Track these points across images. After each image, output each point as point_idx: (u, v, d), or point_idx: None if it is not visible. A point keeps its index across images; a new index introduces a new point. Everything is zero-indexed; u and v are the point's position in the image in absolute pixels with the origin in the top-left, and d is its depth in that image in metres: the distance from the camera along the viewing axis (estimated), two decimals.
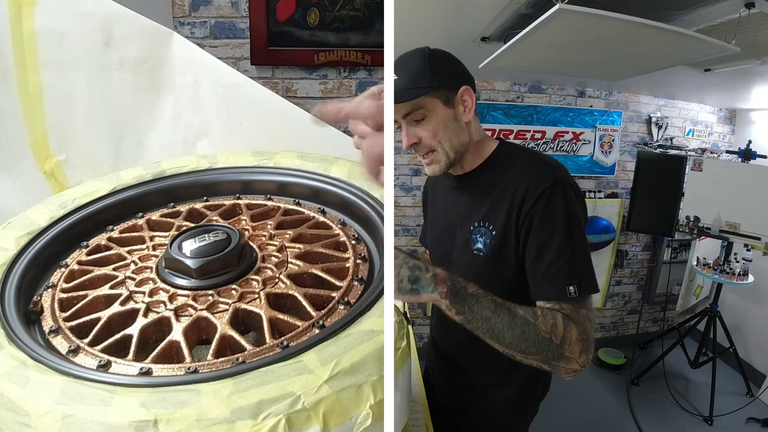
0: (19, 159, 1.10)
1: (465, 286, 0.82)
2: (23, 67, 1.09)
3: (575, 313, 0.86)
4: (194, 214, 0.94)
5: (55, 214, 0.85)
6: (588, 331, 0.86)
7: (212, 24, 2.40)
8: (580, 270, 0.88)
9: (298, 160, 1.00)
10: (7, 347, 0.59)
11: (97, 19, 1.15)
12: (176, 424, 0.49)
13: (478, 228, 1.00)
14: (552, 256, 0.89)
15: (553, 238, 0.89)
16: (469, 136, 0.99)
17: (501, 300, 0.84)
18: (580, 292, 0.87)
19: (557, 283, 0.87)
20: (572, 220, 0.90)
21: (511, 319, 0.82)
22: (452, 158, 0.97)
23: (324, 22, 2.41)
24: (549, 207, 0.90)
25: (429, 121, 0.94)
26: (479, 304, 0.81)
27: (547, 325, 0.83)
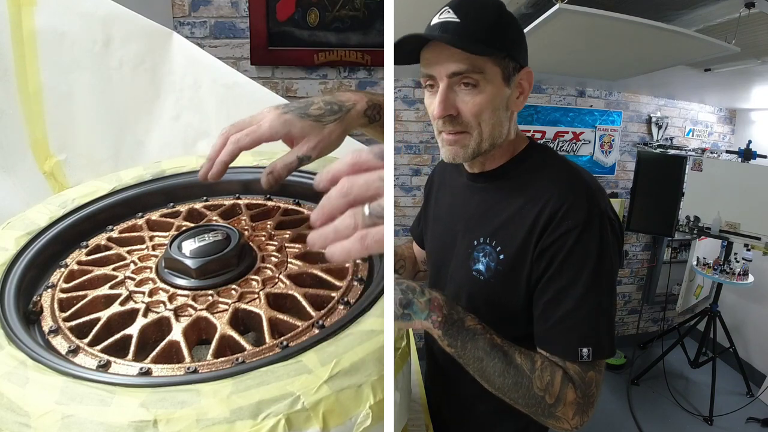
0: (19, 159, 1.10)
1: (462, 318, 0.73)
2: (23, 67, 1.09)
3: (581, 376, 0.75)
4: (194, 214, 0.94)
5: (55, 214, 0.85)
6: (590, 395, 0.75)
7: (212, 24, 2.40)
8: (600, 330, 0.75)
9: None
10: (6, 347, 0.59)
11: (97, 19, 1.15)
12: (176, 424, 0.49)
13: (482, 245, 0.84)
14: (570, 307, 0.75)
15: (576, 285, 0.75)
16: (508, 132, 0.83)
17: (501, 341, 0.74)
18: (595, 356, 0.74)
19: (570, 341, 0.75)
20: (603, 266, 0.75)
21: (505, 366, 0.72)
22: (482, 150, 0.80)
23: (324, 22, 2.41)
24: (579, 246, 0.74)
25: (479, 93, 0.76)
26: (474, 342, 0.72)
27: (543, 382, 0.73)
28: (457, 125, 0.78)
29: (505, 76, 0.77)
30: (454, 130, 0.78)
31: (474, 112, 0.76)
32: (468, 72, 0.74)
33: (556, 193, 0.77)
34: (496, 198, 0.86)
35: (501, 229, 0.82)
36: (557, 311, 0.76)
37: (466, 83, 0.75)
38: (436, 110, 0.76)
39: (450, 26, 0.74)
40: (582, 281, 0.74)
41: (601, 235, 0.75)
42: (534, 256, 0.77)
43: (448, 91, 0.76)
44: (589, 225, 0.74)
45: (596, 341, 0.75)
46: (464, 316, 0.74)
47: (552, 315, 0.77)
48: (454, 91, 0.76)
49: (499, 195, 0.85)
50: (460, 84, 0.76)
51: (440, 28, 0.74)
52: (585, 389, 0.75)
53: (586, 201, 0.76)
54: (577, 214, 0.75)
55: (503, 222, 0.82)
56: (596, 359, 0.75)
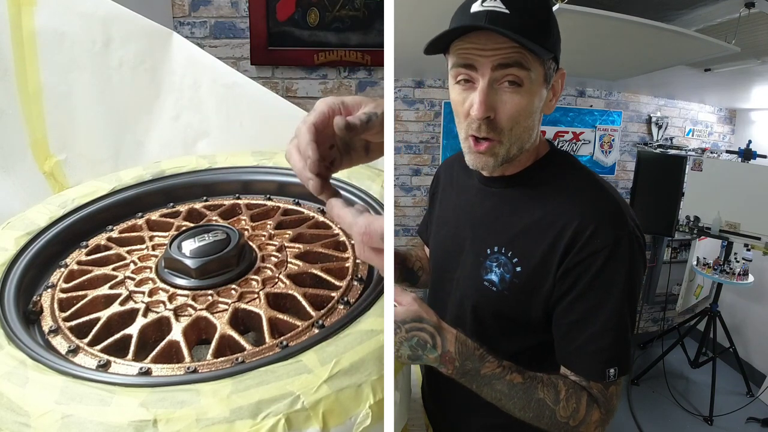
0: (18, 159, 1.10)
1: (477, 368, 0.69)
2: (23, 67, 1.09)
3: (603, 393, 0.74)
4: (194, 214, 0.94)
5: (55, 214, 0.85)
6: (611, 409, 0.75)
7: (212, 24, 2.40)
8: (624, 351, 0.75)
9: None
10: (6, 347, 0.59)
11: (97, 19, 1.15)
12: (176, 423, 0.49)
13: (497, 255, 0.79)
14: (596, 330, 0.73)
15: (604, 307, 0.72)
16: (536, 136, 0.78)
17: (522, 378, 0.71)
18: (619, 375, 0.73)
19: (597, 363, 0.73)
20: (632, 290, 0.73)
21: (526, 403, 0.70)
22: (511, 156, 0.75)
23: (324, 22, 2.41)
24: (607, 268, 0.71)
25: (522, 94, 0.70)
26: (490, 387, 0.70)
27: (568, 411, 0.71)
28: (490, 131, 0.72)
29: (547, 78, 0.73)
30: (487, 135, 0.72)
31: (512, 114, 0.71)
32: (512, 66, 0.68)
33: (582, 210, 0.73)
34: (512, 205, 0.80)
35: (518, 239, 0.77)
36: (583, 333, 0.73)
37: (511, 81, 0.69)
38: (476, 110, 0.69)
39: (499, 17, 0.66)
40: (610, 304, 0.72)
41: (631, 254, 0.72)
42: (558, 274, 0.73)
43: (488, 91, 0.69)
44: (618, 247, 0.71)
45: (620, 361, 0.74)
46: (479, 366, 0.69)
47: (578, 336, 0.74)
48: (496, 89, 0.70)
49: (516, 202, 0.80)
50: (503, 81, 0.69)
51: (487, 17, 0.67)
52: (608, 405, 0.74)
53: (615, 220, 0.73)
54: (606, 235, 0.71)
55: (520, 232, 0.77)
56: (619, 377, 0.74)
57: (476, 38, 0.69)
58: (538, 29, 0.69)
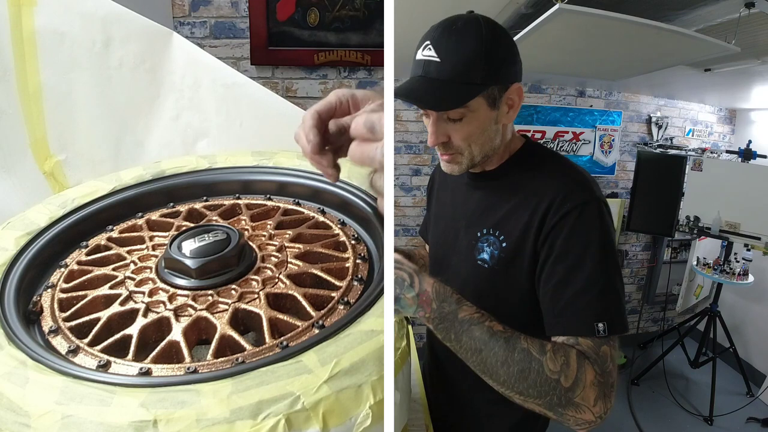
0: (19, 159, 1.10)
1: (455, 310, 0.69)
2: (23, 67, 1.09)
3: (595, 350, 0.72)
4: (194, 214, 0.94)
5: (55, 214, 0.85)
6: (609, 373, 0.71)
7: (212, 24, 2.40)
8: (613, 307, 0.75)
9: (298, 160, 1.00)
10: (6, 347, 0.59)
11: (97, 19, 1.15)
12: (176, 424, 0.49)
13: (487, 236, 0.88)
14: (580, 287, 0.75)
15: (583, 265, 0.75)
16: (502, 139, 0.86)
17: (502, 327, 0.70)
18: (610, 332, 0.73)
19: (585, 318, 0.73)
20: (607, 246, 0.77)
21: (508, 353, 0.68)
22: (476, 162, 0.85)
23: (324, 22, 2.41)
24: (580, 227, 0.76)
25: (467, 124, 0.80)
26: (469, 333, 0.68)
27: (557, 363, 0.68)
28: (449, 149, 0.83)
29: (491, 102, 0.80)
30: (448, 153, 0.84)
31: (463, 138, 0.81)
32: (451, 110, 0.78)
33: (555, 184, 0.81)
34: (497, 195, 0.90)
35: (503, 220, 0.86)
36: (567, 291, 0.76)
37: (451, 119, 0.79)
38: (429, 140, 0.82)
39: (431, 68, 0.76)
40: (589, 260, 0.75)
41: (600, 217, 0.78)
42: (539, 241, 0.80)
43: (438, 123, 0.80)
44: (587, 206, 0.77)
45: (610, 316, 0.74)
46: (457, 308, 0.70)
47: (563, 295, 0.76)
48: (443, 122, 0.80)
49: (500, 192, 0.89)
50: (446, 117, 0.80)
51: (423, 67, 0.77)
52: (602, 364, 0.71)
53: (582, 187, 0.80)
54: (575, 198, 0.78)
55: (505, 214, 0.86)
56: (611, 334, 0.73)
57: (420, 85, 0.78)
58: (468, 70, 0.75)
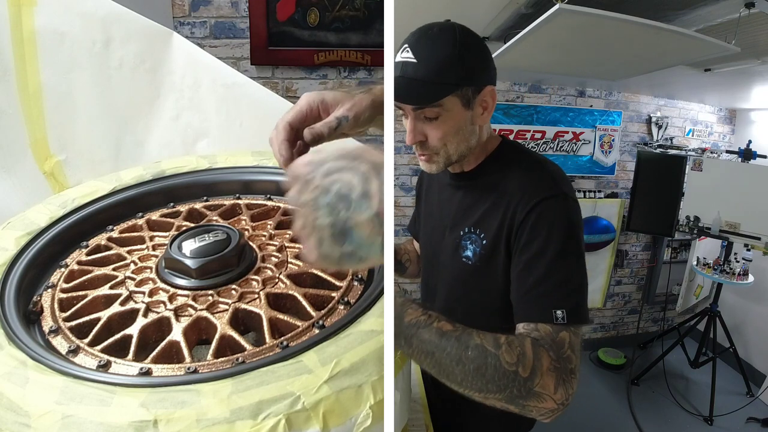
0: (19, 159, 1.10)
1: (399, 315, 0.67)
2: (23, 67, 1.09)
3: (552, 337, 0.72)
4: (194, 214, 0.94)
5: (55, 214, 0.85)
6: (566, 359, 0.70)
7: (212, 24, 2.40)
8: (573, 296, 0.76)
9: None
10: (6, 347, 0.59)
11: (97, 19, 1.15)
12: (176, 424, 0.49)
13: (469, 234, 0.92)
14: (540, 274, 0.77)
15: (544, 253, 0.78)
16: (478, 139, 0.90)
17: (452, 326, 0.68)
18: (570, 319, 0.73)
19: (544, 305, 0.75)
20: (571, 235, 0.79)
21: (461, 351, 0.65)
22: (453, 161, 0.89)
23: (324, 22, 2.41)
24: (543, 218, 0.80)
25: (442, 123, 0.83)
26: (418, 337, 0.66)
27: (513, 354, 0.66)
28: (426, 149, 0.87)
29: (465, 102, 0.83)
30: (425, 152, 0.88)
31: (438, 138, 0.85)
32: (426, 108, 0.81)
33: (525, 183, 0.86)
34: (476, 194, 0.94)
35: (482, 218, 0.91)
36: (529, 279, 0.79)
37: (427, 117, 0.83)
38: (407, 138, 0.86)
39: (408, 68, 0.80)
40: (551, 248, 0.79)
41: (566, 208, 0.82)
42: (511, 238, 0.85)
43: (414, 122, 0.84)
44: (551, 199, 0.82)
45: (570, 304, 0.75)
46: (402, 310, 0.68)
47: (525, 283, 0.80)
48: (420, 121, 0.84)
49: (478, 192, 0.94)
50: (422, 116, 0.83)
51: (401, 68, 0.81)
52: (558, 350, 0.71)
53: (549, 184, 0.85)
54: (540, 192, 0.82)
55: (483, 213, 0.91)
56: (571, 323, 0.73)
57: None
58: (442, 70, 0.79)
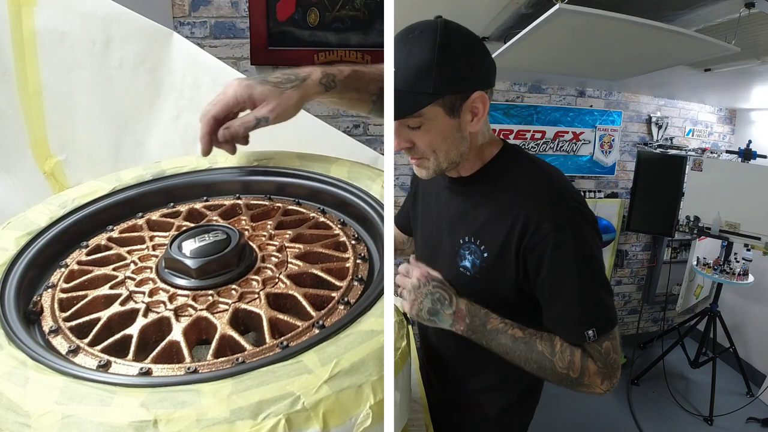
0: (19, 159, 1.10)
1: (485, 323, 0.81)
2: (23, 67, 1.09)
3: (596, 349, 0.84)
4: (194, 214, 0.93)
5: (55, 214, 0.85)
6: (609, 363, 0.83)
7: (212, 24, 2.40)
8: (598, 311, 0.84)
9: (298, 160, 1.00)
10: (6, 347, 0.59)
11: (97, 19, 1.15)
12: (176, 424, 0.49)
13: (468, 244, 0.91)
14: (567, 301, 0.83)
15: (567, 280, 0.82)
16: (470, 145, 0.87)
17: (522, 333, 0.83)
18: (600, 334, 0.83)
19: (574, 329, 0.83)
20: (587, 257, 0.83)
21: (527, 355, 0.81)
22: (444, 168, 0.87)
23: (324, 22, 2.41)
24: (561, 245, 0.81)
25: (426, 131, 0.81)
26: (496, 341, 0.81)
27: (564, 362, 0.82)
28: (415, 153, 0.85)
29: (449, 110, 0.79)
30: (414, 157, 0.86)
31: (426, 144, 0.82)
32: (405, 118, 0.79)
33: (532, 200, 0.84)
34: (475, 200, 0.92)
35: (482, 229, 0.89)
36: (556, 306, 0.84)
37: (410, 126, 0.80)
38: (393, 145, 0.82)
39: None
40: (570, 279, 0.82)
41: (579, 230, 0.82)
42: (519, 257, 0.84)
43: (399, 129, 0.82)
44: (566, 225, 0.81)
45: (597, 322, 0.82)
46: (485, 320, 0.81)
47: (553, 309, 0.85)
48: (405, 128, 0.82)
49: (477, 198, 0.92)
50: (405, 124, 0.81)
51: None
52: (604, 359, 0.83)
53: (559, 203, 0.83)
54: (554, 219, 0.81)
55: (483, 223, 0.89)
56: (601, 336, 0.83)
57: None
58: (420, 79, 0.75)
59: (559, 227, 0.81)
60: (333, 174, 0.96)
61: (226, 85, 0.79)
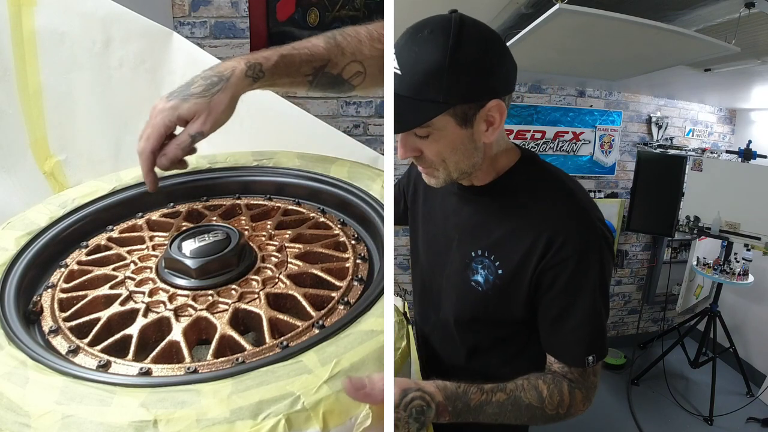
0: (19, 159, 1.10)
1: (467, 403, 0.74)
2: (23, 67, 1.09)
3: (584, 378, 0.83)
4: (194, 214, 0.94)
5: (55, 214, 0.85)
6: (592, 386, 0.84)
7: (212, 24, 2.40)
8: (600, 339, 0.83)
9: (298, 160, 1.00)
10: (6, 347, 0.59)
11: (97, 19, 1.15)
12: (176, 424, 0.49)
13: (480, 258, 0.86)
14: (575, 323, 0.81)
15: (579, 305, 0.80)
16: (484, 155, 0.80)
17: (505, 396, 0.77)
18: (597, 360, 0.82)
19: (577, 352, 0.82)
20: (603, 285, 0.81)
21: (517, 413, 0.78)
22: (454, 178, 0.81)
23: (324, 22, 2.41)
24: (581, 269, 0.78)
25: (434, 141, 0.74)
26: (484, 413, 0.77)
27: (554, 404, 0.80)
28: (423, 162, 0.79)
29: (461, 121, 0.72)
30: (423, 165, 0.80)
31: (434, 155, 0.76)
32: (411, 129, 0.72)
33: (552, 220, 0.79)
34: (489, 213, 0.86)
35: (498, 245, 0.84)
36: (564, 327, 0.82)
37: (417, 135, 0.74)
38: (399, 153, 0.77)
39: (394, 79, 0.70)
40: (584, 301, 0.80)
41: (600, 254, 0.79)
42: (534, 277, 0.81)
43: (405, 137, 0.75)
44: (587, 252, 0.78)
45: (598, 349, 0.82)
46: (467, 401, 0.74)
47: (559, 330, 0.82)
48: (412, 136, 0.75)
49: (491, 210, 0.86)
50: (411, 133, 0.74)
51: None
52: (587, 384, 0.84)
53: (582, 226, 0.79)
54: (575, 241, 0.78)
55: (499, 239, 0.84)
56: (598, 362, 0.83)
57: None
58: (427, 84, 0.68)
59: (584, 252, 0.78)
60: (333, 174, 0.96)
61: (151, 113, 0.76)
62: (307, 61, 0.86)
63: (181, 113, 0.74)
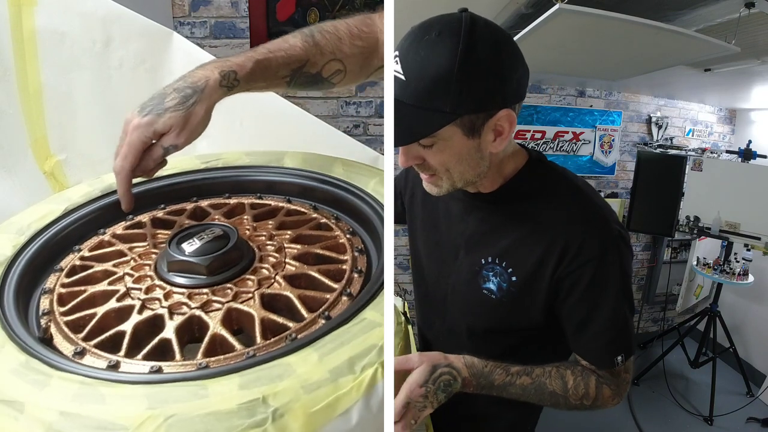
0: (19, 159, 1.10)
1: (491, 382, 0.77)
2: (23, 67, 1.09)
3: (615, 376, 0.84)
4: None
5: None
6: (623, 383, 0.85)
7: (212, 24, 2.41)
8: (627, 338, 0.83)
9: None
10: (56, 374, 0.58)
11: (97, 19, 1.15)
12: (284, 395, 0.50)
13: (492, 265, 0.83)
14: (601, 325, 0.80)
15: (604, 305, 0.79)
16: (489, 164, 0.76)
17: (531, 380, 0.80)
18: (626, 360, 0.82)
19: (606, 354, 0.82)
20: (625, 285, 0.80)
21: (540, 396, 0.80)
22: (458, 187, 0.78)
23: None
24: (601, 271, 0.76)
25: (439, 151, 0.71)
26: (507, 392, 0.79)
27: (578, 395, 0.82)
28: (426, 169, 0.75)
29: (468, 131, 0.69)
30: (426, 173, 0.77)
31: (439, 163, 0.73)
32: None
33: (568, 225, 0.77)
34: (498, 220, 0.84)
35: (510, 251, 0.81)
36: (589, 331, 0.81)
37: (421, 143, 0.70)
38: (400, 160, 0.74)
39: (396, 85, 0.66)
40: (608, 304, 0.79)
41: (620, 255, 0.78)
42: (552, 283, 0.79)
43: (408, 146, 0.71)
44: (606, 255, 0.76)
45: (626, 347, 0.82)
46: (492, 378, 0.78)
47: (585, 334, 0.82)
48: (416, 144, 0.71)
49: (501, 217, 0.84)
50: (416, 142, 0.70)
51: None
52: (618, 381, 0.85)
53: (597, 230, 0.77)
54: (593, 246, 0.76)
55: (511, 245, 0.81)
56: (627, 359, 0.83)
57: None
58: (433, 93, 0.64)
59: (603, 255, 0.76)
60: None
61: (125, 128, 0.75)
62: (284, 64, 0.83)
63: (157, 128, 0.72)
